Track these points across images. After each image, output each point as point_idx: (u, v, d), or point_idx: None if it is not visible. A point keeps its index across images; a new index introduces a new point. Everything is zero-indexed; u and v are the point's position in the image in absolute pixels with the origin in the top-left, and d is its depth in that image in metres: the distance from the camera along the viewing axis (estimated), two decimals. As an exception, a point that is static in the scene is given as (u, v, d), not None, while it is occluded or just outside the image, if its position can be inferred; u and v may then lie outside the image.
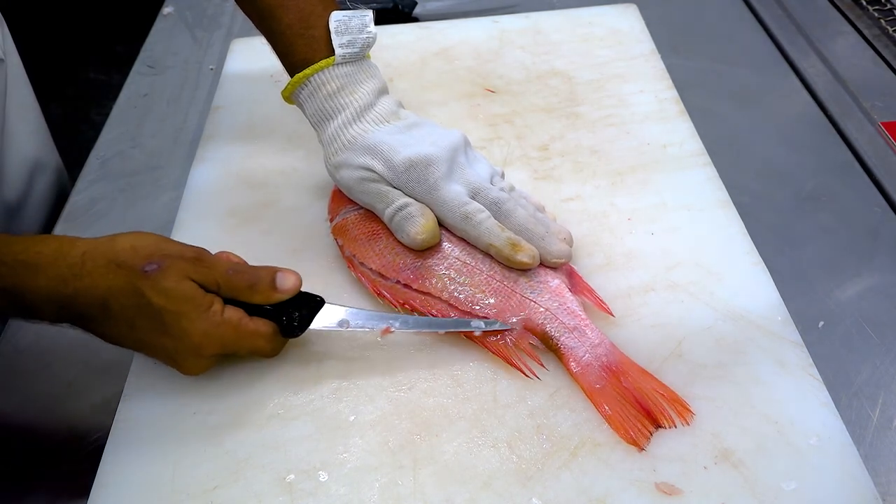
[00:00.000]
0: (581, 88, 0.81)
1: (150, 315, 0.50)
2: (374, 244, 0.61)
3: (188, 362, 0.53)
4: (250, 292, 0.53)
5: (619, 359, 0.54)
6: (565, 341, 0.55)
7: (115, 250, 0.51)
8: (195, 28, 1.00)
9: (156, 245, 0.52)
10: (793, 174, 0.72)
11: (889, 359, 0.57)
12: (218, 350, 0.53)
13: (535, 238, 0.58)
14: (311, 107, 0.62)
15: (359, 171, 0.60)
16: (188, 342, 0.51)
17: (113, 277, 0.50)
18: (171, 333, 0.51)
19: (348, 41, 0.60)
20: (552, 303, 0.56)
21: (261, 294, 0.53)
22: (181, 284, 0.51)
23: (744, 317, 0.58)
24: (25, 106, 0.82)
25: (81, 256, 0.50)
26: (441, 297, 0.57)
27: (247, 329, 0.53)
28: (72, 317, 0.51)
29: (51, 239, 0.51)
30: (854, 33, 0.90)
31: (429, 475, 0.50)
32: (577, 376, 0.54)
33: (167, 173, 0.77)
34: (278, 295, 0.54)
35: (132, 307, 0.50)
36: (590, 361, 0.54)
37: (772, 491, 0.48)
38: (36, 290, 0.49)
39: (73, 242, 0.51)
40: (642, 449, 0.50)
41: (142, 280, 0.50)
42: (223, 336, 0.52)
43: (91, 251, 0.51)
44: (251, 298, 0.53)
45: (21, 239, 0.51)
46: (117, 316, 0.50)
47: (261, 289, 0.53)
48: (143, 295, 0.50)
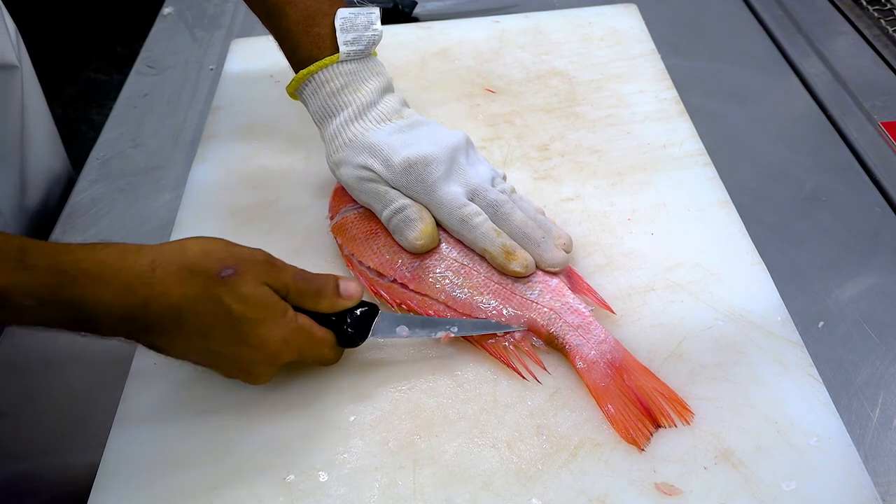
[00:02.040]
0: (581, 88, 0.81)
1: (228, 323, 0.48)
2: (373, 243, 0.61)
3: (260, 371, 0.52)
4: (316, 299, 0.52)
5: (623, 356, 0.54)
6: (571, 339, 0.55)
7: (187, 256, 0.48)
8: (195, 28, 1.00)
9: (226, 249, 0.50)
10: (793, 174, 0.72)
11: (889, 359, 0.57)
12: (293, 357, 0.52)
13: (532, 243, 0.58)
14: (314, 103, 0.62)
15: (358, 170, 0.60)
16: (266, 350, 0.50)
17: (188, 284, 0.47)
18: (248, 342, 0.49)
19: (353, 38, 0.60)
20: (555, 303, 0.56)
21: (327, 300, 0.52)
22: (259, 290, 0.49)
23: (744, 317, 0.58)
24: (39, 113, 0.83)
25: (150, 264, 0.47)
26: (438, 298, 0.57)
27: (316, 336, 0.52)
28: (137, 329, 0.48)
29: (113, 247, 0.48)
30: (854, 33, 0.90)
31: (429, 475, 0.50)
32: (582, 374, 0.54)
33: (167, 173, 0.77)
34: (343, 302, 0.53)
35: (209, 315, 0.48)
36: (596, 359, 0.54)
37: (772, 491, 0.48)
38: (99, 301, 0.46)
39: (138, 250, 0.48)
40: (642, 449, 0.50)
41: (219, 286, 0.48)
42: (299, 343, 0.51)
43: (160, 258, 0.47)
44: (317, 305, 0.52)
45: (81, 247, 0.47)
46: (191, 325, 0.48)
47: (327, 295, 0.52)
48: (221, 302, 0.48)
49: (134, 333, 0.48)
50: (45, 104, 0.85)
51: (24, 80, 0.80)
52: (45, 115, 0.85)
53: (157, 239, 0.69)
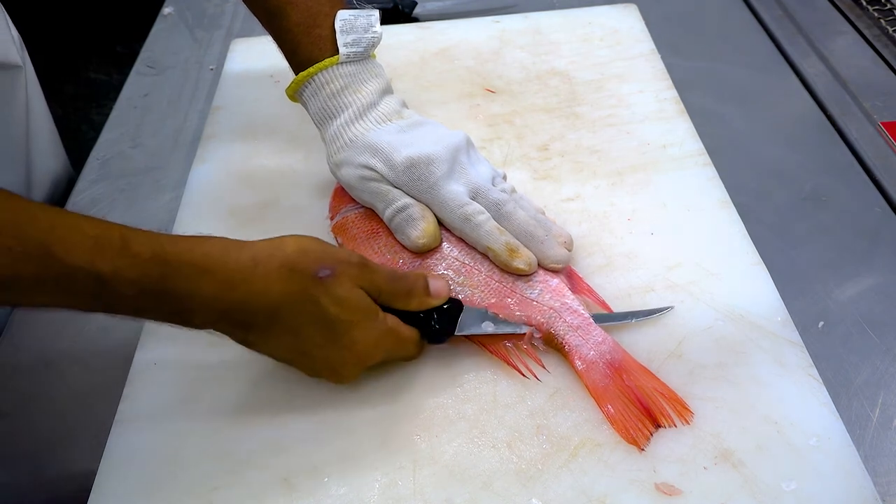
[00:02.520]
0: (581, 88, 0.81)
1: (323, 324, 0.49)
2: (374, 243, 0.61)
3: (348, 371, 0.52)
4: (407, 299, 0.53)
5: (622, 356, 0.54)
6: (570, 339, 0.55)
7: (286, 253, 0.48)
8: (195, 28, 1.00)
9: (323, 249, 0.50)
10: (793, 174, 0.72)
11: (889, 359, 0.57)
12: (381, 358, 0.53)
13: (535, 241, 0.58)
14: (314, 105, 0.62)
15: (359, 169, 0.60)
16: (356, 352, 0.51)
17: (287, 282, 0.48)
18: (340, 343, 0.50)
19: (353, 40, 0.61)
20: (555, 302, 0.56)
21: (417, 299, 0.53)
22: (354, 292, 0.49)
23: (744, 317, 0.58)
24: (41, 113, 0.83)
25: (252, 259, 0.47)
26: None
27: (403, 336, 0.53)
28: (232, 324, 0.49)
29: (216, 240, 0.48)
30: (854, 33, 0.90)
31: (429, 475, 0.50)
32: (582, 374, 0.54)
33: (167, 173, 0.77)
34: (432, 301, 0.54)
35: (305, 315, 0.48)
36: (595, 359, 0.54)
37: (772, 491, 0.48)
38: (199, 294, 0.46)
39: (240, 246, 0.48)
40: (642, 449, 0.50)
41: (316, 286, 0.48)
42: (388, 344, 0.52)
43: (260, 254, 0.48)
44: (407, 305, 0.53)
45: (184, 238, 0.47)
46: (285, 323, 0.48)
47: (417, 294, 0.53)
48: (318, 302, 0.48)
49: (228, 328, 0.49)
50: (45, 105, 0.85)
51: (27, 81, 0.80)
52: (46, 115, 0.85)
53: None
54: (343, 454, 0.51)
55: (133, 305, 0.46)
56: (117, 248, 0.44)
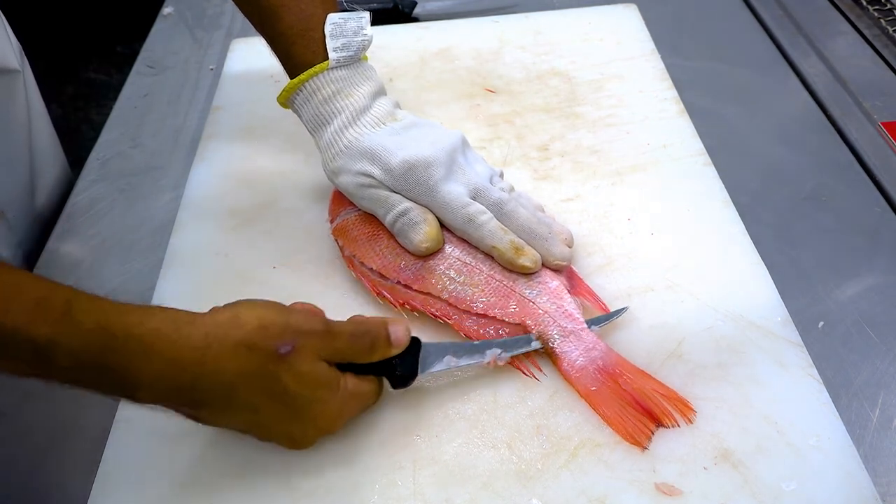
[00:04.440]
0: (581, 88, 0.81)
1: (283, 401, 0.47)
2: (375, 245, 0.61)
3: (308, 441, 0.51)
4: (370, 353, 0.51)
5: (615, 360, 0.54)
6: (560, 345, 0.55)
7: (244, 330, 0.46)
8: (195, 28, 1.00)
9: (284, 320, 0.47)
10: (793, 174, 0.72)
11: (889, 359, 0.57)
12: (341, 426, 0.51)
13: (539, 239, 0.58)
14: (306, 112, 0.62)
15: (357, 177, 0.60)
16: (319, 425, 0.50)
17: (243, 361, 0.45)
18: (301, 419, 0.49)
19: (343, 44, 0.60)
20: (550, 305, 0.56)
21: (379, 352, 0.51)
22: (316, 367, 0.48)
23: (744, 317, 0.58)
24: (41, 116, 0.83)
25: (204, 338, 0.44)
26: (441, 296, 0.57)
27: (363, 393, 0.52)
28: (181, 403, 0.46)
29: (167, 313, 0.45)
30: (854, 33, 0.90)
31: (429, 475, 0.50)
32: (571, 379, 0.54)
33: (167, 173, 0.77)
34: (393, 350, 0.52)
35: (264, 393, 0.46)
36: (584, 365, 0.54)
37: (772, 491, 0.48)
38: (146, 372, 0.43)
39: (192, 320, 0.45)
40: (645, 448, 0.50)
41: (276, 363, 0.46)
42: (350, 410, 0.51)
43: (214, 332, 0.45)
44: (370, 359, 0.51)
45: (133, 309, 0.44)
46: (242, 403, 0.46)
47: (379, 348, 0.51)
48: (279, 379, 0.46)
49: (176, 406, 0.46)
50: (44, 109, 0.85)
51: (27, 86, 0.80)
52: (45, 119, 0.85)
53: (157, 239, 0.69)
54: (343, 454, 0.51)
55: (71, 377, 0.43)
56: (59, 313, 0.41)
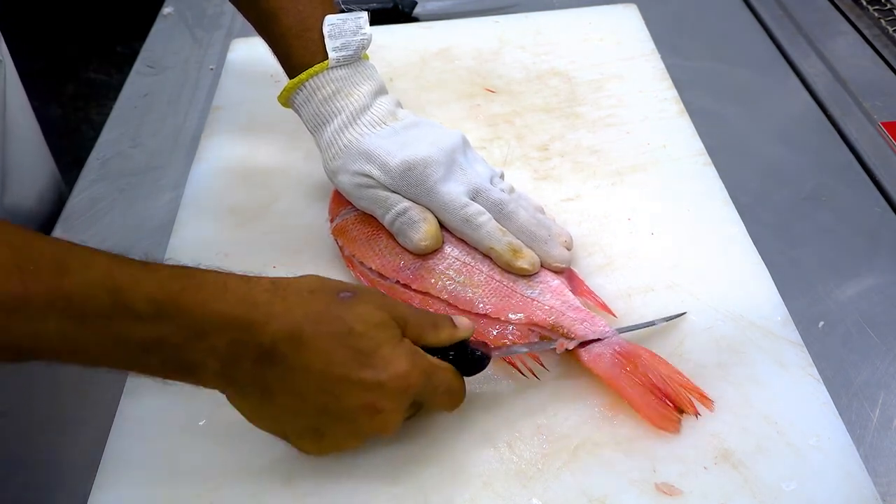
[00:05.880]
0: (581, 88, 0.81)
1: (350, 343, 0.45)
2: (374, 244, 0.61)
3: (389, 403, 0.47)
4: (435, 331, 0.49)
5: (631, 347, 0.54)
6: (578, 330, 0.54)
7: (306, 280, 0.47)
8: (195, 28, 1.00)
9: (341, 281, 0.49)
10: (793, 174, 0.72)
11: (889, 359, 0.57)
12: (420, 382, 0.47)
13: (538, 241, 0.58)
14: (307, 112, 0.62)
15: (356, 177, 0.60)
16: (393, 371, 0.46)
17: (309, 302, 0.46)
18: (372, 363, 0.45)
19: (342, 44, 0.60)
20: (555, 301, 0.56)
21: (445, 331, 0.50)
22: (378, 313, 0.47)
23: (744, 317, 0.58)
24: (21, 108, 0.82)
25: (272, 283, 0.46)
26: (440, 296, 0.57)
27: (437, 363, 0.49)
28: (250, 353, 0.44)
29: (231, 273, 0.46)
30: (854, 33, 0.90)
31: (429, 475, 0.50)
32: (591, 365, 0.53)
33: (167, 173, 0.77)
34: (460, 333, 0.50)
35: (331, 335, 0.45)
36: (601, 351, 0.54)
37: (772, 491, 0.48)
38: (222, 310, 0.43)
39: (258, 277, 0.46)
40: (677, 432, 0.50)
41: (339, 305, 0.46)
42: (423, 366, 0.47)
43: (280, 281, 0.46)
44: (437, 336, 0.49)
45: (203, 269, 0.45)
46: (311, 346, 0.45)
47: (445, 326, 0.50)
48: (343, 319, 0.46)
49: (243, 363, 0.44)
50: (26, 101, 0.83)
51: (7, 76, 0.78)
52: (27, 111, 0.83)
53: (157, 239, 0.69)
54: (343, 454, 0.51)
55: (144, 334, 0.42)
56: (138, 263, 0.43)
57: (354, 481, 0.50)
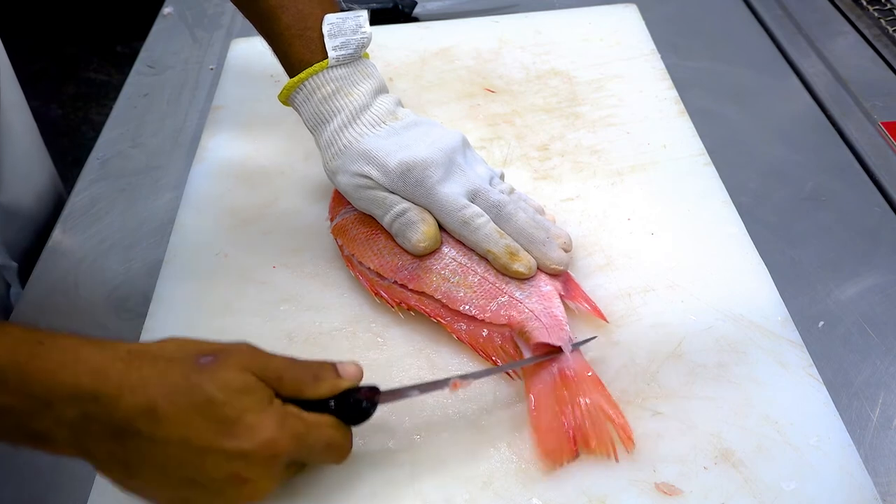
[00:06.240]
0: (581, 88, 0.81)
1: (210, 413, 0.43)
2: (373, 244, 0.61)
3: (258, 472, 0.44)
4: (315, 383, 0.47)
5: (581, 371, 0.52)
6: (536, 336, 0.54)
7: (164, 347, 0.45)
8: (195, 28, 1.00)
9: (204, 342, 0.46)
10: (793, 174, 0.72)
11: (889, 359, 0.57)
12: (291, 447, 0.44)
13: (536, 243, 0.58)
14: (306, 111, 0.62)
15: (355, 178, 0.60)
16: (258, 439, 0.43)
17: (165, 372, 0.43)
18: (235, 433, 0.43)
19: (342, 43, 0.60)
20: (538, 305, 0.56)
21: (326, 384, 0.47)
22: (242, 375, 0.44)
23: (744, 317, 0.58)
24: (16, 105, 0.81)
25: (128, 352, 0.43)
26: (434, 296, 0.57)
27: (312, 420, 0.46)
28: (104, 428, 0.42)
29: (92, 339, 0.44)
30: (854, 33, 0.90)
31: (429, 475, 0.50)
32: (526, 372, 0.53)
33: (167, 173, 0.77)
34: (344, 382, 0.48)
35: (188, 406, 0.42)
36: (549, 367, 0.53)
37: (772, 491, 0.48)
38: (71, 381, 0.41)
39: (114, 342, 0.44)
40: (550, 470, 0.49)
41: (198, 374, 0.43)
42: (294, 429, 0.45)
43: (135, 349, 0.44)
44: (315, 391, 0.47)
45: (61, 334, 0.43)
46: (168, 420, 0.42)
47: (327, 378, 0.47)
48: (202, 389, 0.43)
49: (97, 437, 0.42)
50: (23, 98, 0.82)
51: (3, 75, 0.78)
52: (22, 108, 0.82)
53: (157, 239, 0.69)
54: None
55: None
56: None
57: (353, 481, 0.50)
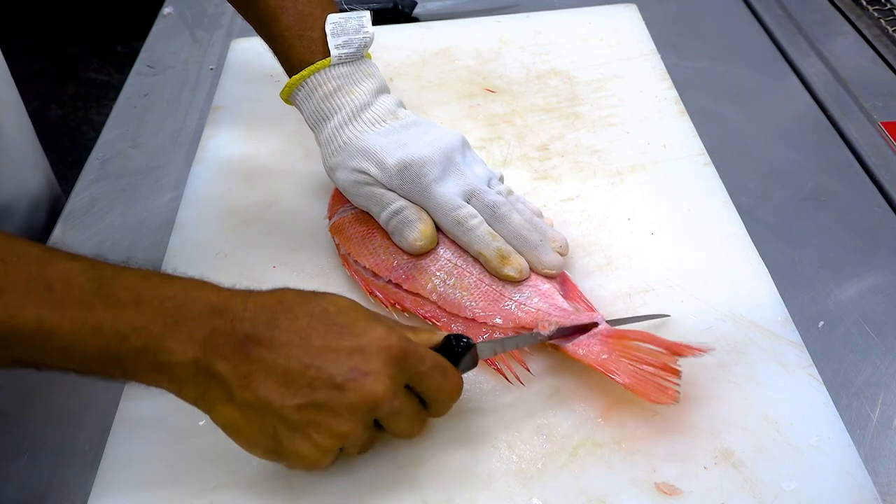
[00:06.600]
0: (581, 88, 0.81)
1: (325, 319, 0.46)
2: (369, 244, 0.61)
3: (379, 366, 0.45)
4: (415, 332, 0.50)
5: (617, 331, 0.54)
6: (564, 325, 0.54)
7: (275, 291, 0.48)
8: (195, 28, 1.00)
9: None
10: (793, 174, 0.72)
11: (889, 359, 0.57)
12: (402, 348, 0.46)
13: (530, 245, 0.58)
14: (308, 108, 0.62)
15: (353, 174, 0.60)
16: (372, 335, 0.46)
17: (279, 294, 0.47)
18: (351, 332, 0.46)
19: (344, 42, 0.60)
20: (543, 304, 0.56)
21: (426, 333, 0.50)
22: (347, 300, 0.48)
23: (744, 317, 0.58)
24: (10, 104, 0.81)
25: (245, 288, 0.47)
26: (430, 298, 0.57)
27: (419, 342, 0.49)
28: (230, 339, 0.44)
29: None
30: (854, 33, 0.90)
31: (429, 475, 0.50)
32: (582, 358, 0.53)
33: (167, 173, 0.77)
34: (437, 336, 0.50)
35: (305, 314, 0.46)
36: (590, 340, 0.53)
37: (772, 491, 0.48)
38: (201, 298, 0.45)
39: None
40: (675, 401, 0.50)
41: (310, 295, 0.48)
42: (403, 336, 0.47)
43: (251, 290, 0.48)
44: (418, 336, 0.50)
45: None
46: (288, 326, 0.45)
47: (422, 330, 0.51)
48: (316, 302, 0.47)
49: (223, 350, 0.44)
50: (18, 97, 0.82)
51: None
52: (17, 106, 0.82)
53: (157, 239, 0.69)
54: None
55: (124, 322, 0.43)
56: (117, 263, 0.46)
57: (353, 481, 0.50)
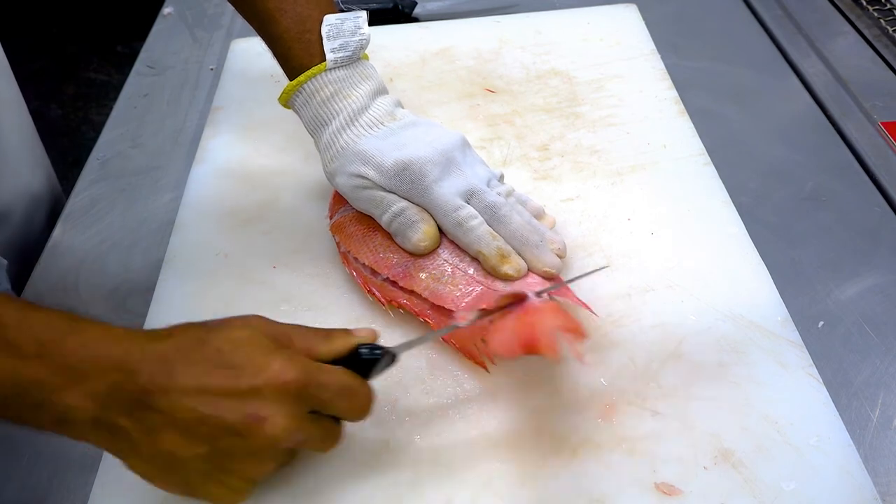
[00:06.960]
0: (581, 88, 0.81)
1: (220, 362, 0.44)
2: (369, 241, 0.61)
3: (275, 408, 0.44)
4: (327, 340, 0.48)
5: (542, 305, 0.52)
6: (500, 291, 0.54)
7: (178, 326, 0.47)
8: (195, 28, 1.00)
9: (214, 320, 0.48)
10: (793, 174, 0.72)
11: (889, 359, 0.57)
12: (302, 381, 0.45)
13: (529, 246, 0.57)
14: (306, 114, 0.62)
15: (352, 178, 0.60)
16: (268, 372, 0.44)
17: (173, 336, 0.45)
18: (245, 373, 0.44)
19: (340, 45, 0.60)
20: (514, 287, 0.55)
21: (338, 340, 0.48)
22: (245, 331, 0.46)
23: (744, 317, 0.58)
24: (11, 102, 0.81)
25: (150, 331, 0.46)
26: (423, 295, 0.57)
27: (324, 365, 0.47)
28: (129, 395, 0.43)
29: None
30: (854, 33, 0.90)
31: (429, 475, 0.50)
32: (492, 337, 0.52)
33: (167, 173, 0.78)
34: (355, 339, 0.49)
35: (199, 360, 0.44)
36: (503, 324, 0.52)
37: (772, 491, 0.48)
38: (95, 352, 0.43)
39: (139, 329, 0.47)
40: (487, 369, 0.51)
41: (206, 332, 0.46)
42: (304, 366, 0.45)
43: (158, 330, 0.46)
44: (328, 346, 0.48)
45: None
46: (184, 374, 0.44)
47: (337, 335, 0.49)
48: (211, 343, 0.45)
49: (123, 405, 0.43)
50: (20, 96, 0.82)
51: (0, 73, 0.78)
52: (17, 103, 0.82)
53: (157, 239, 0.69)
54: (343, 454, 0.51)
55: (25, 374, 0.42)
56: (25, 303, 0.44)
57: (354, 481, 0.50)
